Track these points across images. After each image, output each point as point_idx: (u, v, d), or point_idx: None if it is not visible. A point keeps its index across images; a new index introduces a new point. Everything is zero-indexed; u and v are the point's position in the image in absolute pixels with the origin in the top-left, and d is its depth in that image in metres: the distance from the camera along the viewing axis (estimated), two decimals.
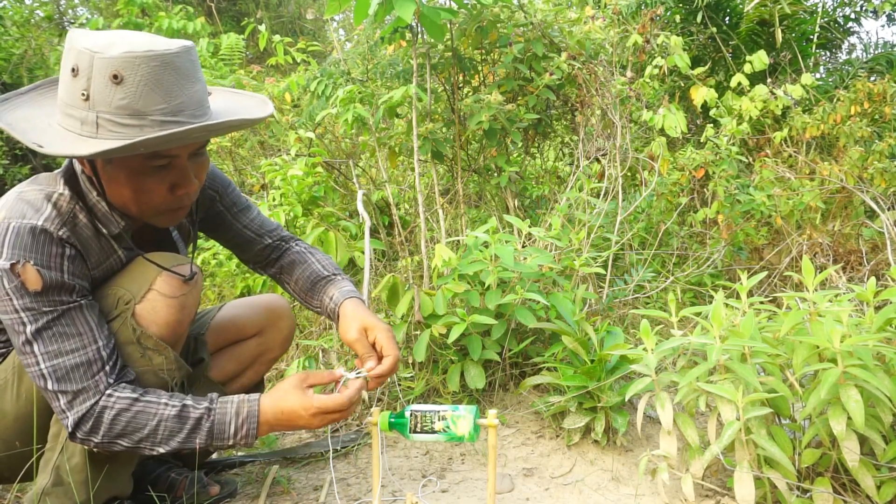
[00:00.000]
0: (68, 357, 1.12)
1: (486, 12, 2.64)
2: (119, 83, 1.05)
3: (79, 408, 1.13)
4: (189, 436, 1.17)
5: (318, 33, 8.01)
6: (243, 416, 1.20)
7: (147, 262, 1.25)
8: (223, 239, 1.55)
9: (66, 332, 1.13)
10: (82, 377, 1.13)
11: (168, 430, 1.16)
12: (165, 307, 1.22)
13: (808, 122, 3.23)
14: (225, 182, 1.50)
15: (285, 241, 1.58)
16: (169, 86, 1.08)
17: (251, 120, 1.21)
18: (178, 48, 1.09)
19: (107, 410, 1.13)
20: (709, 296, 2.55)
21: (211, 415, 1.18)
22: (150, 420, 1.15)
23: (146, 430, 1.15)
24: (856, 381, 1.26)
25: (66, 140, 1.09)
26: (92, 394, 1.13)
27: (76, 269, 1.16)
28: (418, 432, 1.26)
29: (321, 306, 1.49)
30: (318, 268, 1.52)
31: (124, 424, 1.14)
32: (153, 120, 1.08)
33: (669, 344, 1.48)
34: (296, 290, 1.55)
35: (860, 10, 4.73)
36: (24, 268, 1.09)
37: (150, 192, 1.18)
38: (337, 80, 2.97)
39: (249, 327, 1.59)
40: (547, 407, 1.79)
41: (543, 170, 3.81)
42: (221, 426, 1.19)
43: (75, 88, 1.08)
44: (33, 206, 1.14)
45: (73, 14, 7.26)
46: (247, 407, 1.20)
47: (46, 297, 1.11)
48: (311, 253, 1.56)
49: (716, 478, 1.53)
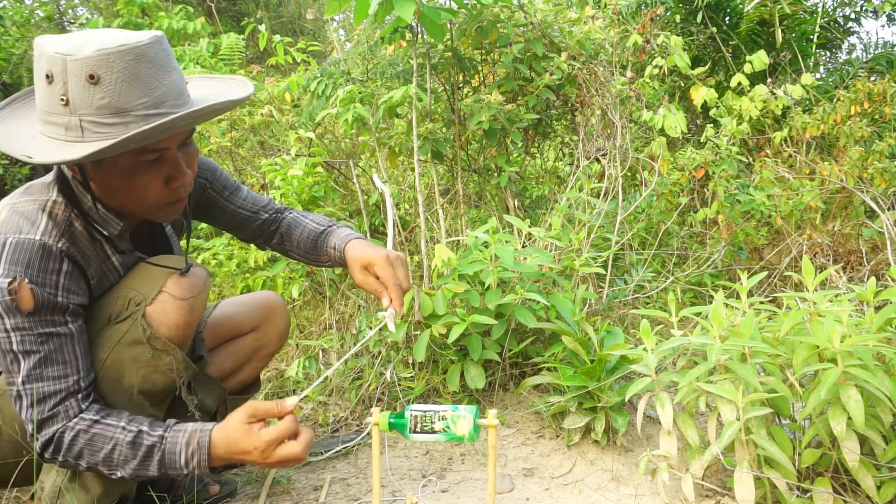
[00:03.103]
0: (48, 383, 1.13)
1: (486, 12, 2.64)
2: (96, 83, 1.04)
3: (45, 432, 1.13)
4: (142, 463, 1.16)
5: (318, 33, 8.01)
6: (193, 446, 1.16)
7: (156, 264, 1.26)
8: (220, 222, 1.57)
9: (51, 359, 1.13)
10: (56, 404, 1.13)
11: (123, 455, 1.15)
12: (176, 309, 1.23)
13: (808, 122, 3.23)
14: (212, 167, 1.51)
15: (280, 213, 1.61)
16: (147, 78, 1.07)
17: (234, 101, 1.20)
18: (149, 39, 1.08)
19: (67, 431, 1.14)
20: (709, 296, 2.55)
21: (163, 443, 1.16)
22: (106, 444, 1.14)
23: (101, 453, 1.15)
24: (856, 381, 1.26)
25: (52, 148, 1.08)
26: (60, 419, 1.14)
27: (72, 286, 1.15)
28: (418, 432, 1.26)
29: (330, 259, 1.52)
30: (312, 226, 1.56)
31: (82, 446, 1.14)
32: (136, 115, 1.07)
33: (669, 344, 1.48)
34: (301, 255, 1.58)
35: (860, 10, 4.73)
36: (20, 286, 1.08)
37: (146, 188, 1.17)
38: (337, 80, 2.97)
39: (245, 323, 1.61)
40: (547, 407, 1.79)
41: (543, 170, 3.81)
42: (172, 455, 1.16)
43: (53, 95, 1.06)
44: (29, 218, 1.13)
45: (73, 14, 7.26)
46: (197, 437, 1.17)
47: (38, 318, 1.11)
48: (304, 216, 1.60)
49: (716, 478, 1.53)
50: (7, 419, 1.25)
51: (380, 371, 2.02)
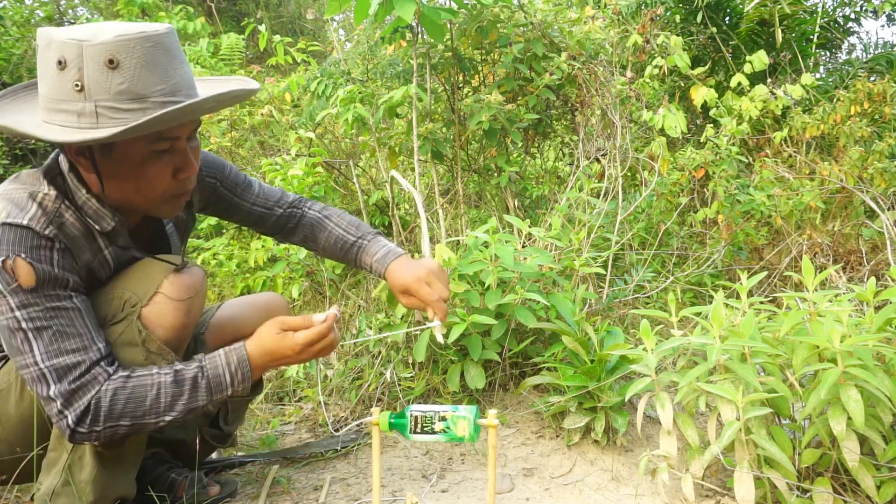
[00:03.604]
0: (69, 356, 1.10)
1: (486, 12, 2.64)
2: (115, 68, 1.04)
3: (77, 404, 1.10)
4: (191, 396, 1.17)
5: (318, 33, 8.01)
6: (234, 363, 1.20)
7: (151, 264, 1.24)
8: (236, 219, 1.58)
9: (66, 332, 1.11)
10: (83, 374, 1.11)
11: (169, 395, 1.15)
12: (172, 310, 1.21)
13: (808, 122, 3.23)
14: (220, 165, 1.50)
15: (296, 208, 1.60)
16: (164, 66, 1.08)
17: (249, 91, 1.24)
18: (165, 29, 1.10)
19: (103, 395, 1.11)
20: (709, 296, 2.55)
21: (204, 371, 1.18)
22: (149, 391, 1.14)
23: (147, 401, 1.14)
24: (856, 381, 1.26)
25: (66, 133, 1.07)
26: (92, 386, 1.11)
27: (66, 263, 1.13)
28: (418, 433, 1.26)
29: (368, 269, 1.56)
30: (339, 233, 1.57)
31: (124, 402, 1.12)
32: (154, 101, 1.07)
33: (669, 344, 1.48)
34: (328, 255, 1.63)
35: (860, 10, 4.74)
36: (16, 262, 1.06)
37: (155, 178, 1.17)
38: (337, 80, 2.97)
39: (248, 326, 1.58)
40: (547, 407, 1.79)
41: (543, 170, 3.81)
42: (217, 378, 1.19)
43: (65, 81, 1.05)
44: (18, 205, 1.11)
45: (73, 14, 7.26)
46: (235, 354, 1.21)
47: (42, 292, 1.09)
48: (328, 217, 1.60)
49: (716, 478, 1.53)
50: (3, 420, 1.24)
51: (380, 371, 2.02)
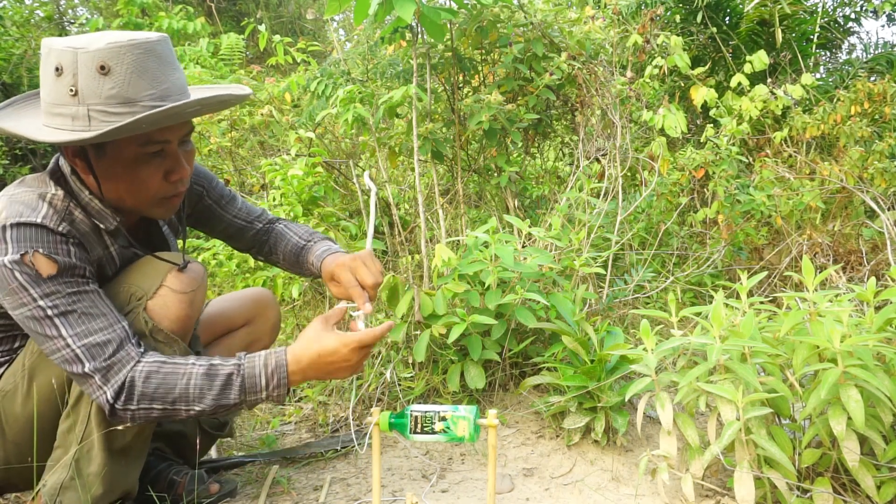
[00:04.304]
0: (98, 335, 1.14)
1: (486, 12, 2.64)
2: (106, 73, 1.09)
3: (114, 379, 1.14)
4: (222, 392, 1.18)
5: (318, 33, 8.01)
6: (272, 367, 1.21)
7: (155, 261, 1.29)
8: (216, 231, 1.61)
9: (90, 313, 1.15)
10: (115, 351, 1.15)
11: (198, 387, 1.17)
12: (177, 302, 1.26)
13: (808, 122, 3.23)
14: (209, 176, 1.56)
15: (271, 223, 1.65)
16: (154, 72, 1.13)
17: (239, 96, 1.27)
18: (157, 37, 1.15)
19: (137, 375, 1.15)
20: (709, 296, 2.55)
21: (241, 370, 1.20)
22: (181, 379, 1.16)
23: (178, 389, 1.16)
24: (856, 381, 1.26)
25: (59, 134, 1.12)
26: (125, 363, 1.15)
27: (82, 255, 1.18)
28: (418, 433, 1.26)
29: (311, 274, 1.57)
30: (295, 240, 1.60)
31: (156, 386, 1.15)
32: (143, 105, 1.12)
33: (669, 344, 1.48)
34: (288, 267, 1.63)
35: (860, 10, 4.73)
36: (35, 256, 1.11)
37: (146, 180, 1.21)
38: (337, 80, 2.97)
39: (238, 319, 1.65)
40: (547, 407, 1.79)
41: (543, 170, 3.81)
42: (253, 379, 1.20)
43: (62, 86, 1.11)
44: (29, 205, 1.16)
45: (73, 14, 7.26)
46: (274, 358, 1.22)
47: (63, 279, 1.13)
48: (290, 228, 1.63)
49: (716, 478, 1.53)
50: (10, 420, 1.26)
51: (380, 371, 2.02)
